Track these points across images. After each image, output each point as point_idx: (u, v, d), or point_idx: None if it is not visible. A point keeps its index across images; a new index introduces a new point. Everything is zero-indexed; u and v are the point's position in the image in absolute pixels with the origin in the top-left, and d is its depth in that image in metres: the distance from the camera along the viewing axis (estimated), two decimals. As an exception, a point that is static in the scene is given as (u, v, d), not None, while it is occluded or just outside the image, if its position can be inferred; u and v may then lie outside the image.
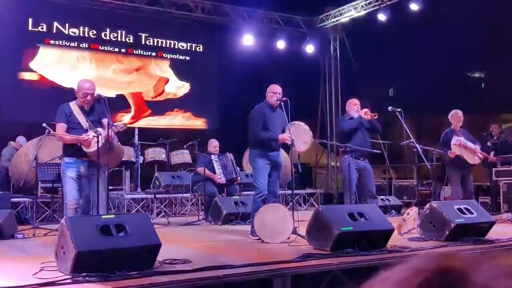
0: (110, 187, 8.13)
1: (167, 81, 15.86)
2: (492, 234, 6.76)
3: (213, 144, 11.04)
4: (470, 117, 9.82)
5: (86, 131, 6.34)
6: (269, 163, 7.26)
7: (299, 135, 7.26)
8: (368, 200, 8.23)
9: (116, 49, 15.15)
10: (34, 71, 13.99)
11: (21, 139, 12.13)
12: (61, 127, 6.46)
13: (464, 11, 16.14)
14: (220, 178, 10.56)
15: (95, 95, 6.58)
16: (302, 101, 12.69)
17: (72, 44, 14.52)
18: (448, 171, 9.94)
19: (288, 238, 6.58)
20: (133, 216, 7.09)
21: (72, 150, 6.42)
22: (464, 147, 9.21)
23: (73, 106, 6.56)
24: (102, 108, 6.52)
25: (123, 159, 8.99)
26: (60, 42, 14.35)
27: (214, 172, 10.58)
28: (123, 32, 15.16)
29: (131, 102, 15.30)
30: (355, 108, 8.65)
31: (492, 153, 11.31)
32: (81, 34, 14.61)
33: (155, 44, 15.72)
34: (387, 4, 14.46)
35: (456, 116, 9.58)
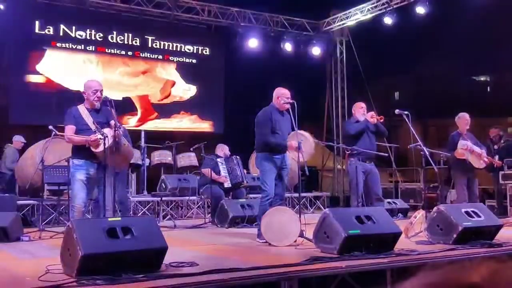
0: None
1: (173, 84, 15.85)
2: (500, 237, 6.73)
3: (222, 149, 11.02)
4: (475, 121, 9.79)
5: (94, 132, 6.36)
6: (276, 166, 7.24)
7: (303, 143, 7.19)
8: (375, 203, 8.19)
9: (123, 52, 15.15)
10: (41, 74, 14.00)
11: (17, 138, 12.11)
12: (69, 129, 6.51)
13: (469, 16, 16.12)
14: (226, 179, 10.55)
15: (102, 97, 6.63)
16: (308, 104, 12.70)
17: (79, 47, 14.52)
18: (453, 174, 9.92)
19: (295, 241, 6.56)
20: (139, 219, 7.08)
21: (82, 152, 6.47)
22: (470, 151, 9.20)
23: (81, 108, 6.64)
24: (109, 110, 6.56)
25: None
26: (67, 45, 14.35)
27: (220, 175, 10.57)
28: (130, 35, 15.16)
29: (137, 104, 15.30)
30: (361, 111, 8.63)
31: (496, 157, 11.24)
32: (88, 37, 14.62)
33: (162, 47, 15.70)
34: (394, 7, 14.43)
35: (463, 119, 9.57)
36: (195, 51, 16.22)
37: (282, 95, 7.31)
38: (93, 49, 14.73)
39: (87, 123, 6.50)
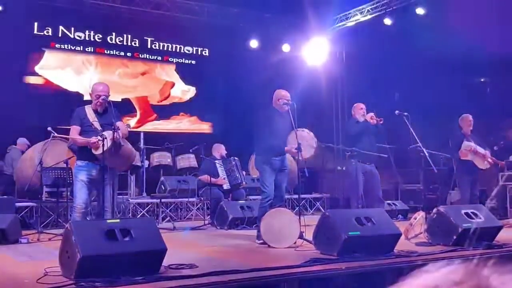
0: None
1: (172, 85, 15.84)
2: (500, 238, 6.72)
3: (218, 150, 10.98)
4: (475, 122, 9.77)
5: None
6: (275, 168, 7.22)
7: (303, 142, 7.18)
8: (375, 205, 8.18)
9: (122, 53, 15.14)
10: (40, 75, 13.99)
11: (22, 140, 12.08)
12: (74, 130, 6.59)
13: (469, 16, 16.10)
14: (225, 181, 10.51)
15: (104, 103, 6.65)
16: (308, 105, 12.65)
17: (78, 48, 14.51)
18: (458, 177, 9.89)
19: (295, 242, 6.55)
20: (138, 221, 7.06)
21: (85, 153, 6.52)
22: (474, 152, 9.20)
23: (88, 109, 6.70)
24: (115, 111, 6.59)
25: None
26: (66, 46, 14.34)
27: (218, 177, 10.52)
28: (129, 36, 15.16)
29: (136, 106, 15.29)
30: (361, 112, 8.62)
31: None
32: (87, 38, 14.61)
33: (161, 48, 15.69)
34: (393, 8, 14.42)
35: (466, 120, 9.59)
36: (194, 52, 16.22)
37: (282, 97, 7.28)
38: (92, 50, 14.72)
39: (92, 124, 6.55)
